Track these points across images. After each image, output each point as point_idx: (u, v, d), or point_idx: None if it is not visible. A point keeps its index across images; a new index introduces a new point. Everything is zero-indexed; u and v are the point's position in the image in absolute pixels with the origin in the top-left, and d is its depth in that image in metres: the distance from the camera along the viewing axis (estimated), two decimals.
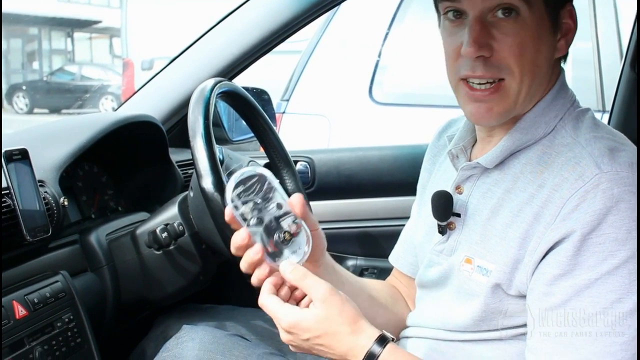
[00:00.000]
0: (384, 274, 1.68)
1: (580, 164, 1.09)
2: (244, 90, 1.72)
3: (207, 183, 1.39)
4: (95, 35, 25.55)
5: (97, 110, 16.31)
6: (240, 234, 1.09)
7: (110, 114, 2.03)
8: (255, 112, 1.76)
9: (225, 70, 2.03)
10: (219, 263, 1.75)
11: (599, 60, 3.64)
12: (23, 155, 1.40)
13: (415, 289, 1.44)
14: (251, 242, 1.09)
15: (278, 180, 1.12)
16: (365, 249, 2.31)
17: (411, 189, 1.55)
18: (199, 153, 1.41)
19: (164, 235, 1.60)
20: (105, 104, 16.77)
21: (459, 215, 1.25)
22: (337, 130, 3.72)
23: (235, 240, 1.10)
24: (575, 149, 1.13)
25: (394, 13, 3.87)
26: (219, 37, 2.06)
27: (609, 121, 2.41)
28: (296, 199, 1.11)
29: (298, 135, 3.66)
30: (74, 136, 1.67)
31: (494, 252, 1.16)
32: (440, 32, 1.24)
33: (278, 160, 1.80)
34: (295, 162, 2.27)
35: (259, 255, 1.09)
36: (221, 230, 1.42)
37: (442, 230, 1.28)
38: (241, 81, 1.99)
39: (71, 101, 17.30)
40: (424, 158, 1.50)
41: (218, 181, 1.40)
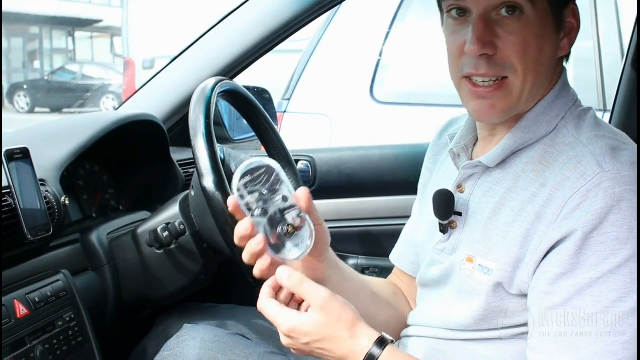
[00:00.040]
0: (385, 273, 1.68)
1: (582, 163, 1.09)
2: (245, 90, 1.72)
3: (208, 182, 1.39)
4: (97, 34, 25.56)
5: (98, 109, 16.30)
6: (243, 223, 1.09)
7: (111, 113, 2.03)
8: (256, 111, 1.76)
9: (227, 69, 2.03)
10: (220, 262, 1.75)
11: (600, 59, 3.63)
12: (24, 155, 1.40)
13: (416, 288, 1.44)
14: (254, 233, 1.09)
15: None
16: (367, 248, 2.31)
17: (412, 188, 1.55)
18: (200, 152, 1.41)
19: (165, 234, 1.61)
20: (106, 103, 16.77)
21: (460, 214, 1.25)
22: (338, 129, 3.72)
23: (238, 230, 1.10)
24: (577, 148, 1.13)
25: (395, 12, 3.87)
26: (220, 36, 2.06)
27: (610, 120, 2.41)
28: (302, 193, 1.11)
29: (299, 134, 3.66)
30: (75, 135, 1.67)
31: (496, 251, 1.16)
32: (443, 30, 1.24)
33: (279, 159, 1.80)
34: (297, 161, 2.27)
35: (260, 246, 1.09)
36: (222, 229, 1.42)
37: (444, 229, 1.28)
38: (242, 80, 1.99)
39: (72, 100, 17.29)
40: (425, 157, 1.50)
41: (219, 180, 1.40)
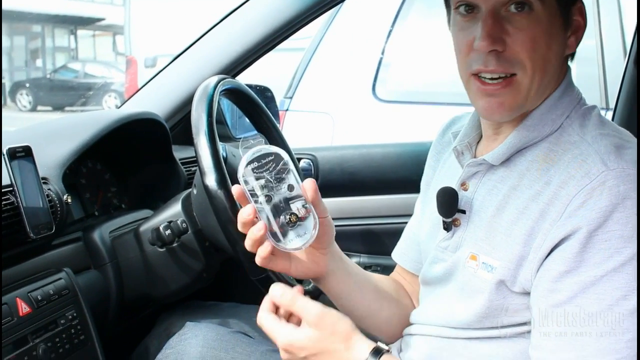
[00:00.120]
0: (387, 271, 1.68)
1: (587, 162, 1.09)
2: (247, 88, 1.72)
3: (211, 180, 1.39)
4: (99, 32, 25.56)
5: (101, 107, 16.29)
6: (246, 209, 1.09)
7: (113, 111, 2.03)
8: (258, 110, 1.76)
9: (229, 67, 2.03)
10: (222, 260, 1.75)
11: (602, 58, 3.63)
12: (26, 153, 1.40)
13: (418, 286, 1.44)
14: (256, 219, 1.09)
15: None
16: (369, 246, 2.31)
17: (415, 186, 1.55)
18: (203, 150, 1.41)
19: (167, 232, 1.61)
20: (108, 102, 16.77)
21: (464, 211, 1.25)
22: (341, 127, 3.72)
23: (241, 215, 1.11)
24: (582, 146, 1.12)
25: (397, 10, 3.87)
26: (222, 35, 2.06)
27: (612, 118, 2.41)
28: (309, 184, 1.11)
29: (301, 133, 3.65)
30: (78, 133, 1.67)
31: (499, 249, 1.16)
32: (450, 28, 1.24)
33: None
34: (299, 160, 2.28)
35: (261, 232, 1.09)
36: (224, 227, 1.42)
37: (447, 226, 1.27)
38: (244, 79, 1.99)
39: (74, 99, 17.30)
40: (427, 155, 1.50)
41: (221, 178, 1.40)
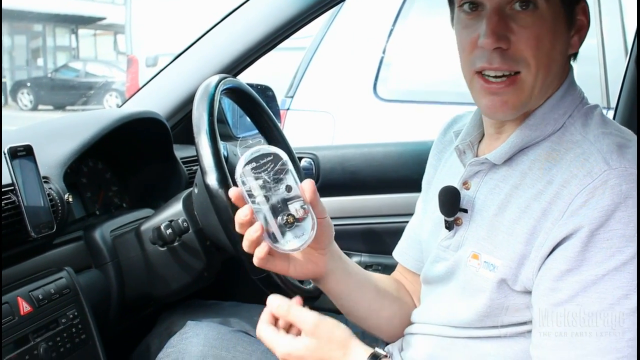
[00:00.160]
0: (388, 270, 1.68)
1: (589, 160, 1.09)
2: (249, 87, 1.72)
3: (212, 179, 1.39)
4: (100, 31, 25.56)
5: (102, 106, 16.28)
6: (243, 210, 1.09)
7: (114, 110, 2.03)
8: (259, 109, 1.76)
9: (230, 66, 2.03)
10: (223, 259, 1.75)
11: (603, 57, 3.62)
12: (27, 152, 1.40)
13: (419, 286, 1.44)
14: (254, 220, 1.09)
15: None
16: (370, 245, 2.31)
17: (416, 185, 1.55)
18: (204, 149, 1.41)
19: (169, 231, 1.61)
20: (109, 101, 16.76)
21: (466, 210, 1.25)
22: (342, 126, 3.71)
23: (238, 216, 1.11)
24: (584, 145, 1.12)
25: (399, 9, 3.86)
26: (223, 34, 2.06)
27: (614, 117, 2.41)
28: (307, 184, 1.11)
29: (302, 132, 3.65)
30: (79, 133, 1.67)
31: (501, 248, 1.16)
32: (454, 26, 1.24)
33: None
34: (300, 159, 2.27)
35: (257, 233, 1.09)
36: (225, 226, 1.42)
37: (449, 225, 1.27)
38: (245, 78, 1.99)
39: (75, 98, 17.30)
40: (429, 154, 1.50)
41: (223, 178, 1.40)
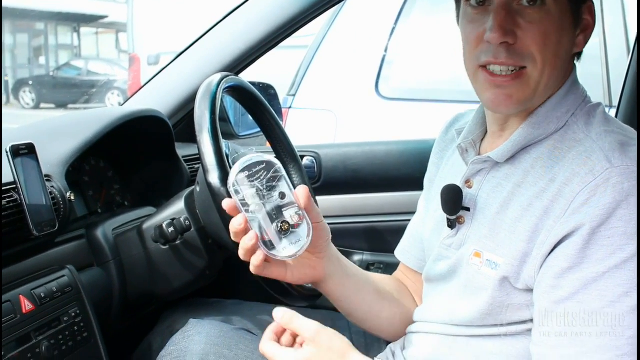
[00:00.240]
0: (390, 269, 1.68)
1: (591, 158, 1.09)
2: (251, 85, 1.72)
3: (214, 178, 1.39)
4: (102, 30, 25.54)
5: (104, 105, 16.29)
6: (237, 219, 1.10)
7: (116, 108, 2.03)
8: (261, 107, 1.76)
9: (232, 65, 2.03)
10: (226, 258, 1.75)
11: (605, 55, 3.62)
12: (30, 150, 1.40)
13: (421, 284, 1.44)
14: (248, 228, 1.09)
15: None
16: (372, 244, 2.31)
17: (418, 184, 1.55)
18: (206, 148, 1.41)
19: (171, 230, 1.60)
20: (111, 99, 16.77)
21: (468, 209, 1.25)
22: (344, 125, 3.71)
23: (232, 225, 1.11)
24: (586, 144, 1.13)
25: (401, 7, 3.86)
26: (225, 32, 2.06)
27: (616, 115, 2.41)
28: (301, 190, 1.11)
29: (304, 130, 3.65)
30: (81, 131, 1.67)
31: (503, 246, 1.16)
32: (459, 20, 1.24)
33: (284, 155, 1.80)
34: (302, 157, 2.27)
35: (252, 242, 1.10)
36: (227, 225, 1.42)
37: (452, 224, 1.28)
38: (248, 76, 1.99)
39: (77, 96, 17.31)
40: (431, 152, 1.50)
41: (225, 176, 1.39)
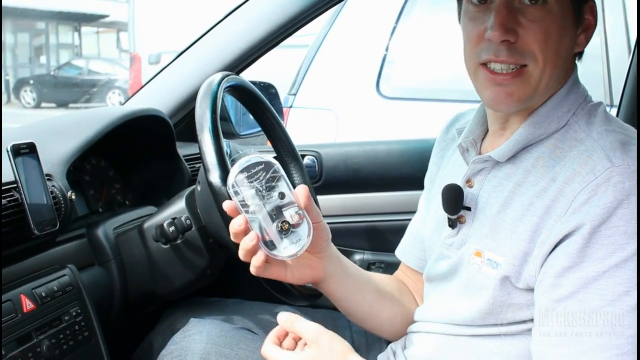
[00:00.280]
0: (391, 268, 1.68)
1: (592, 158, 1.09)
2: (252, 84, 1.72)
3: (215, 177, 1.39)
4: (103, 29, 25.53)
5: (105, 104, 16.29)
6: (237, 220, 1.10)
7: (117, 108, 2.03)
8: (262, 106, 1.76)
9: (233, 64, 2.03)
10: (226, 257, 1.75)
11: (606, 55, 3.62)
12: (30, 149, 1.40)
13: (422, 284, 1.44)
14: (248, 229, 1.10)
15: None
16: (373, 243, 2.31)
17: (418, 183, 1.55)
18: (207, 147, 1.41)
19: (171, 229, 1.60)
20: (112, 98, 16.77)
21: (469, 208, 1.25)
22: (345, 124, 3.71)
23: (232, 226, 1.11)
24: (587, 143, 1.13)
25: (402, 7, 3.86)
26: (226, 31, 2.06)
27: (617, 115, 2.40)
28: (301, 190, 1.11)
29: (305, 130, 3.65)
30: (82, 130, 1.67)
31: (504, 245, 1.16)
32: (461, 17, 1.24)
33: (285, 154, 1.80)
34: (303, 156, 2.27)
35: (253, 242, 1.10)
36: (228, 224, 1.42)
37: (452, 223, 1.28)
38: (248, 75, 1.99)
39: (78, 95, 17.31)
40: (431, 152, 1.50)
41: (225, 175, 1.39)
